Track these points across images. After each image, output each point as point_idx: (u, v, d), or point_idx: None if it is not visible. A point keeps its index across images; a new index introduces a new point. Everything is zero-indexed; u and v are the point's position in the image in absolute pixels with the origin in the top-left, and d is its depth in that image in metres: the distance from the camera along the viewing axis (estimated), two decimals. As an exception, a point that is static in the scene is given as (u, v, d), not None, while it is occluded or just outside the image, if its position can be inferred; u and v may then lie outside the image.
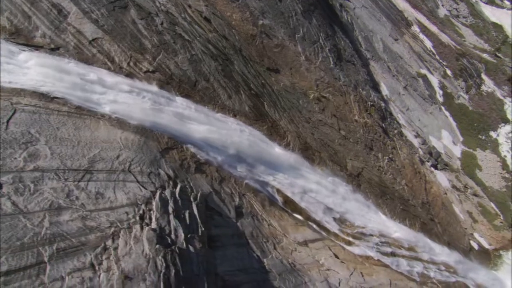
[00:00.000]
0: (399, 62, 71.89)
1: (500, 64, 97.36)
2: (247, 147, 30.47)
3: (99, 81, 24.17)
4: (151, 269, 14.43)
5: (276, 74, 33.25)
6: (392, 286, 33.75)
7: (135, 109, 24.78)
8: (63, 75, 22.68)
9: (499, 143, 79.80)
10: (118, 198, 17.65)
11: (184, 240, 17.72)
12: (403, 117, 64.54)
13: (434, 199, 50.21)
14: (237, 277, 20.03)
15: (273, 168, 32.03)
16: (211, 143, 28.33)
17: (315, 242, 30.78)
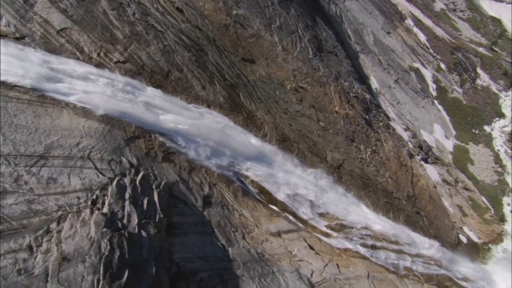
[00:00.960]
0: (390, 55, 71.62)
1: (496, 58, 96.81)
2: (220, 138, 30.53)
3: (65, 71, 24.20)
4: (93, 252, 14.54)
5: (251, 64, 33.22)
6: (370, 278, 33.73)
7: (102, 98, 24.86)
8: (28, 64, 22.77)
9: (493, 137, 79.47)
10: (71, 183, 17.77)
11: (137, 225, 17.81)
12: (393, 110, 64.38)
13: (421, 193, 50.11)
14: (194, 264, 20.14)
15: (248, 159, 32.07)
16: (181, 133, 28.42)
17: (289, 233, 30.80)
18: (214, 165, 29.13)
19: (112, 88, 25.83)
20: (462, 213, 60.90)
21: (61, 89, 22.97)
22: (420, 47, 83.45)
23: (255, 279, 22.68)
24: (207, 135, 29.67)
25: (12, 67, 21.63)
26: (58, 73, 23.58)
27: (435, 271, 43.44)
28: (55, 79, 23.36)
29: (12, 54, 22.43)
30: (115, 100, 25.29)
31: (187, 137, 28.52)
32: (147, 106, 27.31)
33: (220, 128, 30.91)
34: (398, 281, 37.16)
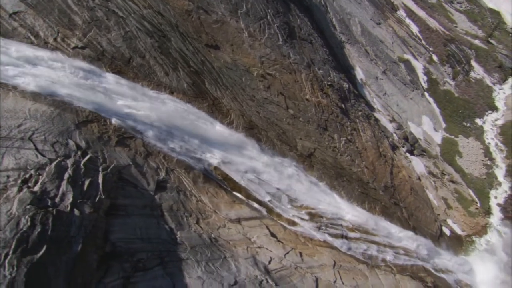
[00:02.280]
0: (379, 46, 71.30)
1: (491, 51, 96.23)
2: (182, 124, 30.67)
3: (16, 55, 24.38)
4: (9, 227, 14.75)
5: (216, 50, 33.26)
6: (336, 268, 33.86)
7: (54, 82, 25.00)
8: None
9: (484, 130, 79.23)
10: (4, 163, 17.97)
11: (70, 204, 18.02)
12: (378, 101, 64.21)
13: (402, 184, 50.08)
14: (134, 244, 20.36)
15: (211, 146, 32.21)
16: (140, 118, 28.57)
17: (251, 220, 30.98)
18: (173, 151, 29.29)
19: (67, 72, 25.95)
20: (446, 206, 60.83)
21: (10, 73, 23.12)
22: (412, 38, 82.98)
23: (201, 262, 22.84)
24: (167, 121, 29.86)
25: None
26: (7, 56, 23.71)
27: (410, 262, 43.51)
28: (3, 63, 23.52)
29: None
30: (70, 85, 25.42)
31: (146, 123, 28.72)
32: (105, 92, 27.46)
33: (182, 114, 31.02)
34: (368, 271, 37.26)
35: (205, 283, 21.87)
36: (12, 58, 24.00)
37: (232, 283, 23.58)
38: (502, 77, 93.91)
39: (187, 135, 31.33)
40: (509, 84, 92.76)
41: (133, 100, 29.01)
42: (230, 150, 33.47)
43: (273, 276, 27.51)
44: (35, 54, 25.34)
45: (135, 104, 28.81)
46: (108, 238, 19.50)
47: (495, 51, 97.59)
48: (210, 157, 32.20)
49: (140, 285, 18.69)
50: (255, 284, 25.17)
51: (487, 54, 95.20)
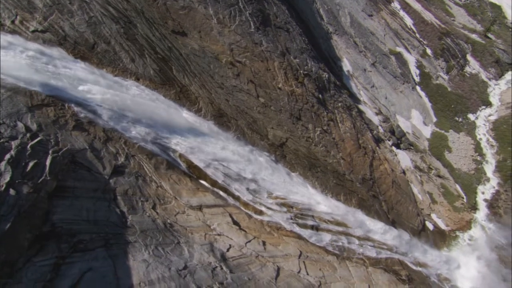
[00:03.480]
0: (369, 38, 70.87)
1: (488, 45, 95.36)
2: (146, 111, 30.77)
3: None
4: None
5: (183, 37, 33.25)
6: (301, 258, 34.01)
7: (13, 65, 25.13)
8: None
9: (477, 125, 78.84)
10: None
11: (6, 184, 18.16)
12: (366, 93, 63.96)
13: (382, 177, 50.02)
14: (77, 226, 20.60)
15: (177, 133, 32.34)
16: (103, 104, 28.64)
17: (213, 208, 31.14)
18: (135, 137, 29.44)
19: (24, 56, 26.04)
20: (431, 200, 60.76)
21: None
22: (406, 31, 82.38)
23: (150, 246, 23.06)
24: (131, 107, 29.98)
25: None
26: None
27: (385, 255, 43.59)
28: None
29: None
30: (26, 68, 25.52)
31: (108, 109, 28.80)
32: (66, 77, 27.54)
33: (147, 101, 31.09)
34: (338, 262, 37.40)
35: (150, 266, 22.06)
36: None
37: (181, 267, 23.76)
38: (498, 72, 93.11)
39: (151, 121, 31.42)
40: (505, 79, 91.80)
41: (96, 85, 29.10)
42: (197, 138, 33.54)
43: (230, 263, 27.68)
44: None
45: (98, 89, 28.94)
46: (49, 218, 19.68)
47: (493, 45, 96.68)
48: (175, 144, 32.31)
49: (76, 265, 18.90)
50: (207, 270, 25.34)
51: (484, 48, 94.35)
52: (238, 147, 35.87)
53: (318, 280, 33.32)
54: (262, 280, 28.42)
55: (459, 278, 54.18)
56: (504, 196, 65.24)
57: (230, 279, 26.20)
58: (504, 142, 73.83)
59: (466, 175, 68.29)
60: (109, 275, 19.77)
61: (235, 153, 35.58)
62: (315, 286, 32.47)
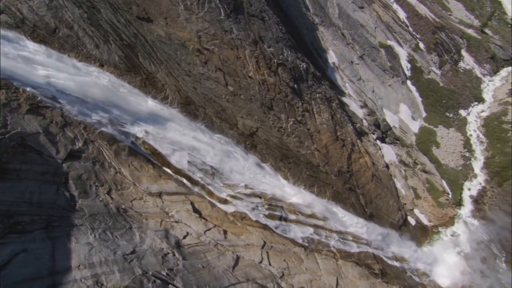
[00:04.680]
0: (358, 30, 70.48)
1: (484, 41, 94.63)
2: (110, 97, 30.87)
3: None
4: None
5: (148, 23, 33.27)
6: (265, 248, 34.15)
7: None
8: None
9: (468, 121, 78.54)
10: None
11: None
12: (351, 86, 63.80)
13: (361, 170, 49.99)
14: (17, 207, 20.81)
15: (142, 120, 32.46)
16: (63, 89, 28.79)
17: (174, 195, 31.29)
18: (96, 122, 29.48)
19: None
20: (415, 195, 60.75)
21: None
22: (398, 24, 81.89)
23: (97, 230, 23.28)
24: (94, 93, 30.05)
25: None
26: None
27: (358, 248, 43.70)
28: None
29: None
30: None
31: (69, 94, 28.91)
32: (24, 60, 27.62)
33: (111, 87, 31.19)
34: (305, 254, 37.51)
35: (94, 249, 22.24)
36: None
37: (129, 252, 23.94)
38: (493, 68, 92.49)
39: (115, 108, 31.50)
40: (500, 76, 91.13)
41: (57, 70, 29.18)
42: (162, 125, 33.67)
43: (184, 250, 27.85)
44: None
45: (57, 74, 29.00)
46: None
47: (489, 41, 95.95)
48: (138, 131, 32.43)
49: (9, 246, 19.04)
50: (157, 256, 25.51)
51: (480, 44, 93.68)
52: (205, 136, 35.95)
53: (280, 271, 33.45)
54: (218, 268, 28.56)
55: (438, 273, 54.33)
56: (490, 193, 65.10)
57: (182, 266, 26.35)
58: (494, 138, 73.53)
59: (453, 171, 68.12)
60: (44, 257, 19.94)
61: (202, 141, 35.66)
62: (276, 276, 32.58)
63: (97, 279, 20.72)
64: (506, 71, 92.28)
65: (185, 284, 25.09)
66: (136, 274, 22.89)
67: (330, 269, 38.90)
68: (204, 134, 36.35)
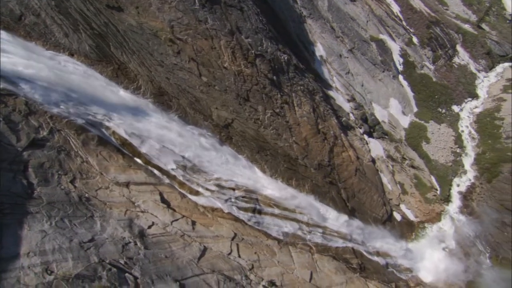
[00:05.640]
0: (348, 23, 70.22)
1: (480, 36, 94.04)
2: (79, 87, 30.97)
3: None
4: None
5: (119, 12, 33.29)
6: (235, 240, 34.31)
7: None
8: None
9: (461, 117, 78.22)
10: None
11: None
12: (339, 80, 63.66)
13: (344, 164, 49.97)
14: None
15: (112, 110, 32.59)
16: (27, 77, 28.86)
17: (142, 186, 31.44)
18: (64, 112, 29.60)
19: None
20: (402, 191, 60.72)
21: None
22: (391, 18, 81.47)
23: (55, 218, 23.47)
24: (62, 82, 30.13)
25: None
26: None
27: (336, 243, 43.76)
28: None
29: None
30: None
31: (36, 82, 28.96)
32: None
33: (81, 77, 31.26)
34: (278, 247, 37.62)
35: (48, 236, 22.44)
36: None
37: (87, 240, 24.16)
38: (489, 64, 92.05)
39: (84, 97, 31.60)
40: (496, 72, 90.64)
41: (22, 58, 29.24)
42: (133, 116, 33.76)
43: (147, 240, 28.03)
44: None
45: (23, 62, 29.07)
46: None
47: (485, 37, 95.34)
48: (108, 121, 32.48)
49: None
50: (117, 245, 25.72)
51: (476, 39, 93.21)
52: (178, 126, 36.07)
53: (250, 263, 33.60)
54: (182, 258, 28.74)
55: (422, 269, 54.41)
56: (478, 189, 65.00)
57: (143, 255, 26.53)
58: (486, 134, 73.32)
59: (442, 167, 67.98)
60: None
61: (174, 132, 35.79)
62: (245, 268, 32.74)
63: (47, 267, 20.90)
64: (502, 67, 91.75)
65: (144, 273, 25.25)
66: (91, 262, 23.08)
67: (304, 263, 39.00)
68: (177, 125, 36.44)
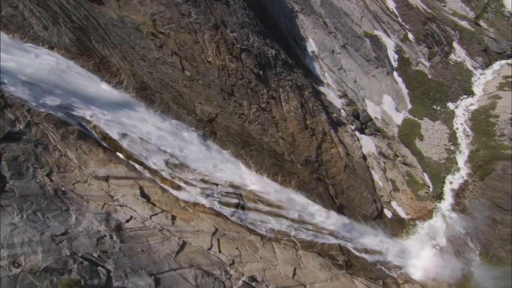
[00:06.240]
0: (341, 19, 69.98)
1: (477, 33, 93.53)
2: (58, 80, 30.99)
3: None
4: None
5: (99, 5, 33.23)
6: (216, 235, 34.43)
7: None
8: None
9: (456, 115, 77.92)
10: None
11: None
12: (331, 75, 63.53)
13: (332, 160, 49.91)
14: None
15: (94, 105, 32.67)
16: (6, 71, 28.80)
17: (122, 180, 31.49)
18: (43, 105, 29.66)
19: None
20: (393, 188, 60.65)
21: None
22: (387, 14, 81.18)
23: (27, 211, 23.57)
24: (42, 75, 30.10)
25: None
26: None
27: (322, 239, 43.81)
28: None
29: None
30: None
31: (13, 76, 28.96)
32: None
33: (61, 70, 31.25)
34: (261, 243, 37.67)
35: (18, 229, 22.52)
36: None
37: (59, 233, 24.22)
38: (486, 61, 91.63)
39: (65, 91, 31.61)
40: (492, 69, 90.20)
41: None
42: (115, 110, 33.79)
43: (125, 234, 28.10)
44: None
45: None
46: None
47: (483, 33, 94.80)
48: (90, 115, 32.50)
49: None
50: (91, 238, 25.79)
51: (473, 36, 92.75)
52: (160, 121, 36.11)
53: (231, 259, 33.66)
54: (160, 253, 28.79)
55: (411, 266, 54.40)
56: (471, 187, 64.85)
57: (118, 249, 26.59)
58: (480, 132, 73.10)
59: (435, 164, 67.84)
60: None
61: (157, 127, 35.82)
62: (225, 264, 32.79)
63: (15, 260, 20.97)
64: (499, 64, 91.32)
65: (118, 266, 25.32)
66: (62, 255, 23.11)
67: (288, 259, 39.04)
68: (159, 119, 36.49)
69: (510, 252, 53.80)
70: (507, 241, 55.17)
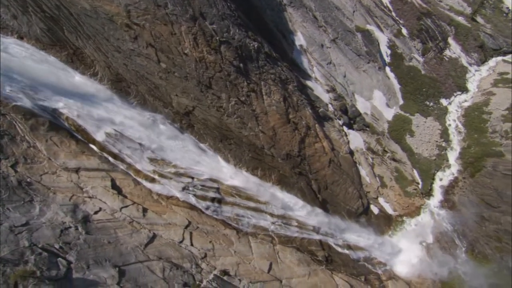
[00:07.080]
0: (332, 13, 69.66)
1: (474, 29, 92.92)
2: (28, 71, 30.89)
3: None
4: None
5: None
6: (189, 228, 34.44)
7: None
8: None
9: (449, 111, 77.58)
10: None
11: None
12: (319, 70, 63.32)
13: (316, 155, 49.82)
14: None
15: (66, 96, 32.63)
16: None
17: (93, 172, 31.50)
18: (10, 96, 29.54)
19: None
20: (381, 184, 60.48)
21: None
22: (380, 9, 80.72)
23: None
24: (9, 65, 29.99)
25: None
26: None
27: (301, 234, 43.71)
28: None
29: None
30: None
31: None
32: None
33: (30, 61, 31.26)
34: (237, 237, 37.65)
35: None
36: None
37: (19, 224, 24.25)
38: (481, 57, 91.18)
39: (34, 82, 31.55)
40: (488, 65, 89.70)
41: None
42: (87, 101, 33.82)
43: (91, 225, 28.13)
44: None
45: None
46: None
47: (479, 29, 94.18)
48: (62, 106, 32.52)
49: None
50: (54, 229, 25.82)
51: (468, 32, 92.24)
52: (135, 113, 36.08)
53: (203, 252, 33.66)
54: (127, 245, 28.82)
55: (397, 262, 54.33)
56: (461, 184, 64.69)
57: (82, 240, 26.62)
58: (472, 128, 72.85)
59: (425, 161, 67.67)
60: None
61: (131, 119, 35.78)
62: (197, 257, 32.80)
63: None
64: (495, 60, 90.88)
65: (80, 258, 25.35)
66: (20, 246, 23.09)
67: (264, 254, 39.00)
68: (134, 111, 36.47)
69: (495, 249, 53.67)
70: (493, 238, 55.06)
